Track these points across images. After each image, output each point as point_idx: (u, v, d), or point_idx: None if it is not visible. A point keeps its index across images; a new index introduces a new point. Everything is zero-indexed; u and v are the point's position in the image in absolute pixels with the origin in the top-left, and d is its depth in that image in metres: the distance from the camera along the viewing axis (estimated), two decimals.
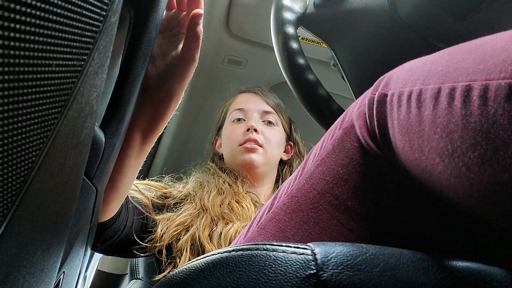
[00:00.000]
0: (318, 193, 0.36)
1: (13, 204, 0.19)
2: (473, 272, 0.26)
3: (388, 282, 0.24)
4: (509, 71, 0.21)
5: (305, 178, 0.38)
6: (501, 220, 0.25)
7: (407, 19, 0.49)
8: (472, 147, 0.23)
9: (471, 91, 0.23)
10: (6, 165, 0.18)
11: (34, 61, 0.17)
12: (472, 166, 0.23)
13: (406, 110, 0.28)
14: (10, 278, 0.21)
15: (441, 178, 0.26)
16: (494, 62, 0.23)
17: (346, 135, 0.35)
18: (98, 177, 0.41)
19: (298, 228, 0.36)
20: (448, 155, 0.25)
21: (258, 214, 0.44)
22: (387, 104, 0.31)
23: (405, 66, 0.32)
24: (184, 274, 0.27)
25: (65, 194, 0.28)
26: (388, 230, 0.33)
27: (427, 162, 0.27)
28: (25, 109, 0.18)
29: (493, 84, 0.22)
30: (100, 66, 0.27)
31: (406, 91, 0.29)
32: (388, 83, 0.32)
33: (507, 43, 0.23)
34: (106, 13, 0.25)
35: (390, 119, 0.30)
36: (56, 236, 0.28)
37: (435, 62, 0.28)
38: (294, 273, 0.24)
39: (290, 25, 0.57)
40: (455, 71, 0.25)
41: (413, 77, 0.29)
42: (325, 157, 0.37)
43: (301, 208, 0.37)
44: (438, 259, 0.27)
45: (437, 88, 0.26)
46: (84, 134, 0.28)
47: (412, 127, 0.28)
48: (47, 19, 0.17)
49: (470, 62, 0.25)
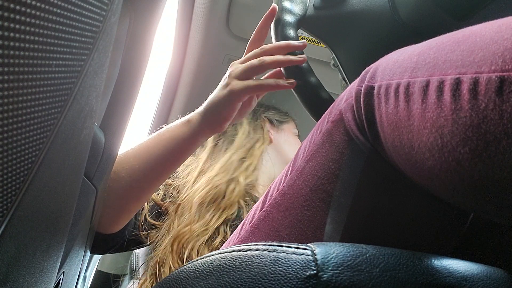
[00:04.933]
0: (310, 190, 0.35)
1: (12, 204, 0.19)
2: (473, 272, 0.26)
3: (388, 282, 0.24)
4: (499, 64, 0.21)
5: (296, 175, 0.37)
6: (492, 214, 0.25)
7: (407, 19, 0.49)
8: (462, 142, 0.22)
9: (461, 85, 0.22)
10: (5, 165, 0.18)
11: (34, 61, 0.17)
12: (463, 161, 0.23)
13: (394, 104, 0.28)
14: (10, 278, 0.21)
15: (431, 173, 0.26)
16: (484, 54, 0.22)
17: (335, 128, 0.34)
18: (98, 177, 0.41)
19: (293, 227, 0.36)
20: (438, 150, 0.24)
21: (250, 212, 0.43)
22: (374, 97, 0.30)
23: (391, 56, 0.31)
24: (183, 275, 0.27)
25: (65, 194, 0.28)
26: (383, 227, 0.33)
27: (417, 157, 0.26)
28: (24, 109, 0.18)
29: (483, 77, 0.21)
30: (100, 66, 0.27)
31: (394, 83, 0.28)
32: (374, 75, 0.31)
33: (496, 34, 0.22)
34: (106, 13, 0.25)
35: (378, 113, 0.29)
36: (56, 236, 0.28)
37: (422, 53, 0.27)
38: (294, 274, 0.24)
39: (290, 27, 0.57)
40: (443, 63, 0.25)
41: (400, 68, 0.28)
42: (315, 152, 0.36)
43: (294, 206, 0.36)
44: (439, 260, 0.27)
45: (426, 81, 0.25)
46: (83, 134, 0.28)
47: (401, 121, 0.27)
48: (46, 19, 0.17)
49: (459, 53, 0.24)
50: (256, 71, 0.57)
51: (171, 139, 0.61)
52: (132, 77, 0.45)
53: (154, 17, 0.45)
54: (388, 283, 0.24)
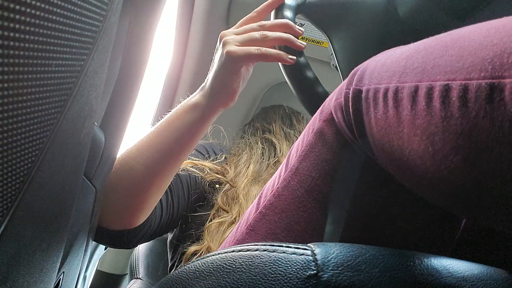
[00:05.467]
0: (306, 190, 0.35)
1: (12, 203, 0.19)
2: (473, 272, 0.26)
3: (388, 282, 0.24)
4: (489, 70, 0.20)
5: (290, 175, 0.37)
6: (485, 221, 0.24)
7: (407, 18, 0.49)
8: (454, 151, 0.22)
9: (450, 91, 0.22)
10: (5, 165, 0.18)
11: (34, 61, 0.17)
12: (455, 170, 0.22)
13: (383, 109, 0.27)
14: (9, 278, 0.21)
15: (422, 180, 0.25)
16: (473, 60, 0.21)
17: (327, 127, 0.34)
18: (97, 177, 0.41)
19: (290, 229, 0.35)
20: (429, 158, 0.24)
21: (245, 214, 0.42)
22: (362, 101, 0.29)
23: (379, 58, 0.31)
24: (184, 275, 0.27)
25: (65, 194, 0.28)
26: (379, 228, 0.33)
27: (408, 163, 0.26)
28: (24, 108, 0.18)
29: (473, 84, 0.21)
30: (100, 66, 0.27)
31: (382, 88, 0.28)
32: (362, 78, 0.31)
33: (485, 38, 0.21)
34: (106, 13, 0.25)
35: (367, 118, 0.29)
36: (56, 236, 0.28)
37: (410, 57, 0.27)
38: (294, 274, 0.24)
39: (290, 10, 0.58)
40: (432, 68, 0.24)
41: (387, 72, 0.28)
42: (308, 152, 0.36)
43: (290, 208, 0.36)
44: (438, 260, 0.27)
45: (414, 87, 0.25)
46: (83, 134, 0.28)
47: (390, 127, 0.26)
48: (46, 19, 0.17)
49: (448, 58, 0.23)
50: (256, 44, 0.54)
51: (184, 126, 0.57)
52: (132, 76, 0.45)
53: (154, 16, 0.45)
54: (388, 283, 0.24)
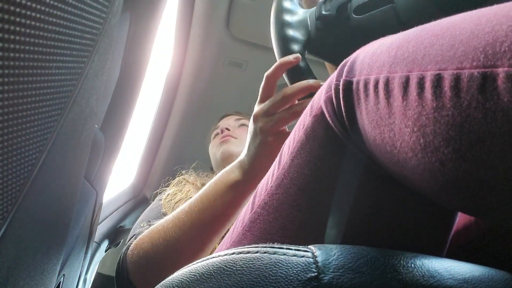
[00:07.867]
0: (299, 189, 0.34)
1: (13, 206, 0.19)
2: (475, 274, 0.26)
3: (389, 284, 0.24)
4: (481, 60, 0.20)
5: (283, 173, 0.36)
6: (478, 214, 0.24)
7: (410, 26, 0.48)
8: (446, 142, 0.22)
9: (442, 81, 0.22)
10: (6, 168, 0.18)
11: (34, 63, 0.17)
12: (446, 161, 0.22)
13: (374, 101, 0.27)
14: (10, 281, 0.21)
15: (414, 172, 0.25)
16: (465, 49, 0.21)
17: (318, 122, 0.34)
18: (98, 179, 0.40)
19: (285, 229, 0.35)
20: (420, 150, 0.23)
21: (241, 214, 0.42)
22: (353, 92, 0.29)
23: (368, 49, 0.30)
24: (184, 277, 0.27)
25: (65, 196, 0.28)
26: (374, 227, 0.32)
27: (399, 156, 0.25)
28: (24, 111, 0.18)
29: (465, 74, 0.20)
30: (100, 68, 0.27)
31: (372, 79, 0.27)
32: (352, 68, 0.30)
33: (476, 27, 0.21)
34: (106, 16, 0.25)
35: (358, 110, 0.28)
36: (56, 239, 0.28)
37: (401, 46, 0.26)
38: (295, 276, 0.24)
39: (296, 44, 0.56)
40: (423, 58, 0.24)
41: (377, 63, 0.27)
42: (299, 149, 0.35)
43: (284, 207, 0.35)
44: (440, 261, 0.27)
45: (405, 77, 0.24)
46: (84, 136, 0.28)
47: (382, 119, 0.26)
48: (47, 22, 0.17)
49: (438, 48, 0.23)
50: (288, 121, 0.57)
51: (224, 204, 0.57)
52: (133, 79, 0.45)
53: (154, 19, 0.45)
54: (389, 285, 0.24)
